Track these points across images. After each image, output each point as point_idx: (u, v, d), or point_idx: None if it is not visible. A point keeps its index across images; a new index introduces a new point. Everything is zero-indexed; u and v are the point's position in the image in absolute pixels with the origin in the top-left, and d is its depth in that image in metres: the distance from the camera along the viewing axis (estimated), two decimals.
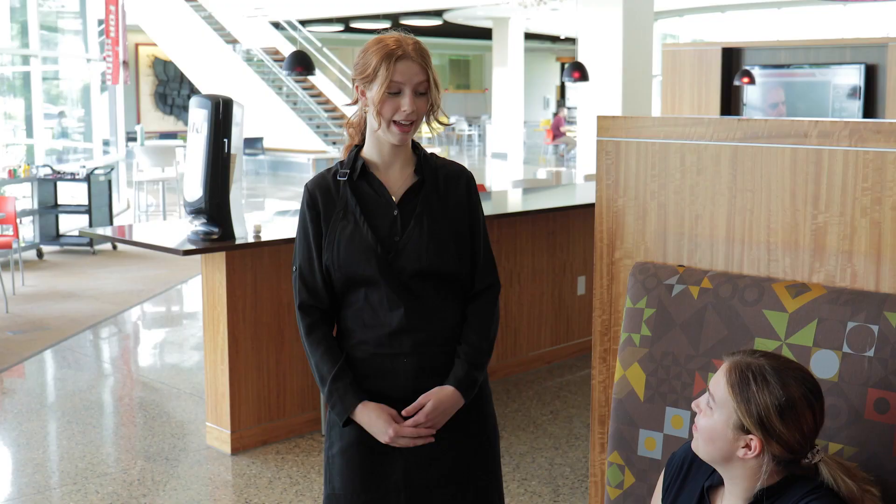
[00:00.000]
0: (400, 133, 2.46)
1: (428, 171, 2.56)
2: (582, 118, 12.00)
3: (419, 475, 2.53)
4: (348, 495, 2.55)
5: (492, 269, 2.62)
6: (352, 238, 2.49)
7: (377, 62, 2.42)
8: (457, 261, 2.52)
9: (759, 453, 1.92)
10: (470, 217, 2.57)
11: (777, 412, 1.89)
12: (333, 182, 2.56)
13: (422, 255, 2.47)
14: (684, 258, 2.66)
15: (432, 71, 2.47)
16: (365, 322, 2.52)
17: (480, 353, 2.54)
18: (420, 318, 2.49)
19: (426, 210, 2.51)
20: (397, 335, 2.49)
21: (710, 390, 1.99)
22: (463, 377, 2.50)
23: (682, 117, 2.68)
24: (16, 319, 7.95)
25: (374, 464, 2.53)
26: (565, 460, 4.93)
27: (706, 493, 2.10)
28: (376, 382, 2.51)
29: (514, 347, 6.49)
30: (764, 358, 1.96)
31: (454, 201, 2.55)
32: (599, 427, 2.86)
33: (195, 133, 4.83)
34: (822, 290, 2.31)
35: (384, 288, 2.48)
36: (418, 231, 2.48)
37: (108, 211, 11.22)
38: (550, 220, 6.61)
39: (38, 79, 13.11)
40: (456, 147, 30.01)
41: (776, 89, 14.07)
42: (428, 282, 2.50)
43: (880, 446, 2.11)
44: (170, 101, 28.91)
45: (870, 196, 2.32)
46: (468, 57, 39.33)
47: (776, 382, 1.91)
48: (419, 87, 2.44)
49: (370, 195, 2.53)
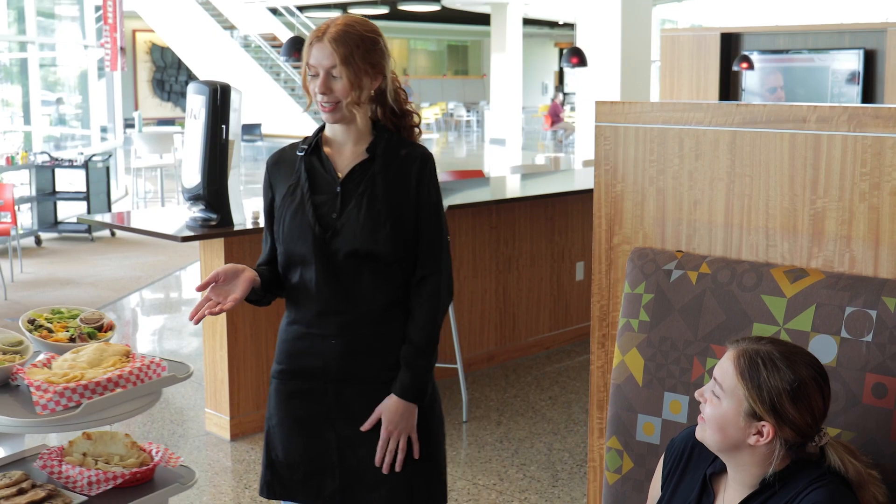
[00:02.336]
0: (324, 113, 2.50)
1: (380, 150, 2.54)
2: (580, 104, 11.99)
3: (351, 454, 2.56)
4: (290, 464, 2.60)
5: (436, 258, 2.57)
6: (294, 215, 2.54)
7: (304, 47, 2.50)
8: (392, 244, 2.50)
9: (771, 439, 1.91)
10: (417, 201, 2.54)
11: (789, 397, 1.89)
12: (291, 157, 2.62)
13: (357, 235, 2.48)
14: (683, 243, 2.66)
15: (355, 56, 2.46)
16: (298, 301, 2.57)
17: (421, 354, 2.53)
18: (348, 299, 2.52)
19: (368, 190, 2.51)
20: (325, 316, 2.53)
21: (716, 379, 1.98)
22: (408, 384, 2.52)
23: (681, 102, 2.68)
24: (14, 306, 7.95)
25: (311, 437, 2.57)
26: (564, 445, 4.94)
27: (709, 480, 2.10)
28: (306, 361, 2.56)
29: (513, 333, 6.50)
30: (770, 344, 1.96)
31: (401, 184, 2.53)
32: (598, 412, 2.87)
33: (193, 119, 4.82)
34: (821, 276, 2.31)
35: (316, 267, 2.51)
36: (356, 211, 2.50)
37: (106, 198, 11.21)
38: (549, 205, 6.61)
39: (35, 66, 13.09)
40: (454, 133, 30.00)
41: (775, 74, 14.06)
42: (363, 263, 2.50)
43: (878, 431, 2.12)
44: (167, 87, 28.88)
45: (868, 181, 2.32)
46: (466, 42, 39.27)
47: (786, 368, 1.91)
48: (332, 72, 2.46)
49: (319, 171, 2.57)
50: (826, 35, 13.63)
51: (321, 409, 2.56)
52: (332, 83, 2.46)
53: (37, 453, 2.33)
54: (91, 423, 2.07)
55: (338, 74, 2.45)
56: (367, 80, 2.49)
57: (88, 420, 2.05)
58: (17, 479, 2.11)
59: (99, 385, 2.05)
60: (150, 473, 2.19)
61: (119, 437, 2.26)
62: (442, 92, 35.33)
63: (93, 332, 2.38)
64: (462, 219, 6.00)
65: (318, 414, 2.56)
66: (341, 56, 2.44)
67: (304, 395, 2.57)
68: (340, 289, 2.51)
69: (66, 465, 2.15)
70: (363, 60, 2.46)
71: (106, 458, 2.20)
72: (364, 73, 2.47)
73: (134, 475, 2.14)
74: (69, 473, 2.13)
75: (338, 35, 2.45)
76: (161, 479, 2.22)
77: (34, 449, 2.37)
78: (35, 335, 2.34)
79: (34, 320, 2.41)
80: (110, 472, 2.12)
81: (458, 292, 5.97)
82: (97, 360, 2.16)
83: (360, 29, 2.48)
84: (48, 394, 1.99)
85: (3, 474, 2.14)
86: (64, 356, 2.18)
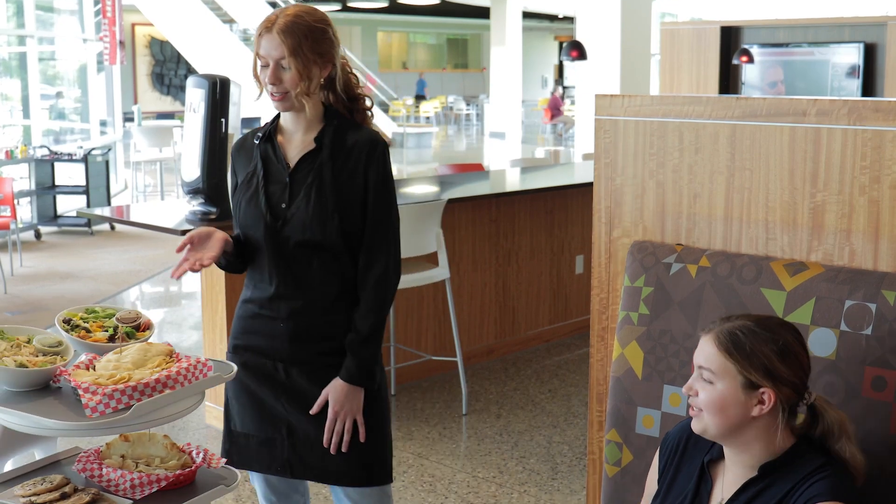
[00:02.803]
0: (275, 102, 2.55)
1: (328, 139, 2.57)
2: (580, 97, 11.98)
3: (300, 428, 2.64)
4: (245, 434, 2.71)
5: (382, 242, 2.60)
6: (249, 203, 2.61)
7: (255, 37, 2.54)
8: (341, 235, 2.55)
9: (774, 404, 1.95)
10: (365, 189, 2.57)
11: (779, 358, 1.96)
12: (250, 144, 2.68)
13: (306, 226, 2.54)
14: (682, 237, 2.66)
15: (304, 47, 2.48)
16: (254, 282, 2.66)
17: (366, 342, 2.58)
18: (298, 287, 2.58)
19: (317, 180, 2.55)
20: (276, 300, 2.61)
21: (701, 366, 2.01)
22: (354, 370, 2.58)
23: (681, 96, 2.68)
24: (14, 300, 7.95)
25: (262, 410, 2.66)
26: (563, 438, 4.94)
27: (706, 467, 2.11)
28: (258, 340, 2.64)
29: (513, 326, 6.50)
30: (740, 319, 2.03)
31: (350, 173, 2.56)
32: (597, 405, 2.87)
33: (192, 113, 4.82)
34: (820, 269, 2.31)
35: (268, 254, 2.59)
36: (305, 202, 2.54)
37: (105, 191, 11.21)
38: (549, 199, 6.60)
39: (34, 59, 13.08)
40: (454, 126, 29.97)
41: (775, 68, 14.04)
42: (313, 253, 2.56)
43: (877, 424, 2.12)
44: (167, 81, 28.83)
45: (868, 174, 2.32)
46: (466, 36, 39.22)
47: (766, 333, 1.98)
48: (282, 63, 2.49)
49: (272, 160, 2.62)
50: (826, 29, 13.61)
51: (271, 384, 2.65)
52: (281, 74, 2.51)
53: (69, 456, 2.26)
54: (140, 426, 2.01)
55: (287, 65, 2.50)
56: (317, 69, 2.53)
57: (139, 422, 1.99)
58: (58, 484, 2.06)
59: (148, 386, 2.00)
60: (193, 475, 2.14)
61: (158, 439, 2.21)
62: (442, 85, 35.30)
63: (131, 332, 2.35)
64: (462, 212, 6.00)
65: (269, 389, 2.64)
66: (290, 47, 2.48)
67: (256, 370, 2.66)
68: (291, 276, 2.58)
69: (107, 468, 2.07)
70: (312, 51, 2.51)
71: (146, 460, 2.15)
72: (313, 63, 2.52)
73: (178, 477, 2.09)
74: (110, 476, 2.06)
75: (286, 26, 2.48)
76: (202, 481, 2.16)
77: (67, 452, 2.30)
78: (73, 335, 2.29)
79: (69, 320, 2.36)
80: (153, 474, 2.06)
81: (457, 286, 5.97)
82: (141, 360, 2.11)
83: (309, 19, 2.52)
84: (97, 396, 1.94)
85: (43, 479, 2.07)
86: (107, 357, 2.12)
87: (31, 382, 2.09)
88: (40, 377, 2.09)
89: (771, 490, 1.96)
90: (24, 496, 2.03)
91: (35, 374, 2.08)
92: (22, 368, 2.06)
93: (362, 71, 29.40)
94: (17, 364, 2.07)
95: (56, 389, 2.12)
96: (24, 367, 2.07)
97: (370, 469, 2.66)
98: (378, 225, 2.59)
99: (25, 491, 2.05)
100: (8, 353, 2.12)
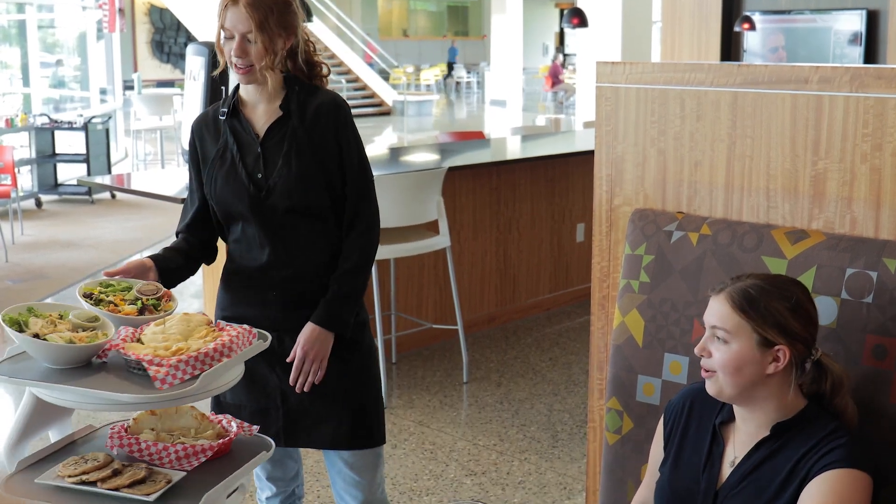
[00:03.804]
0: (239, 74, 2.56)
1: (294, 105, 2.60)
2: (581, 65, 11.93)
3: (293, 397, 2.66)
4: (236, 405, 2.71)
5: (362, 200, 2.64)
6: (227, 177, 2.61)
7: (219, 8, 2.53)
8: (327, 196, 2.59)
9: (788, 361, 1.97)
10: (339, 150, 2.61)
11: (792, 315, 1.97)
12: (214, 119, 2.68)
13: (292, 192, 2.56)
14: (683, 205, 2.66)
15: (270, 20, 2.50)
16: (241, 254, 2.67)
17: (343, 286, 2.61)
18: (287, 254, 2.61)
19: (293, 147, 2.57)
20: (266, 270, 2.63)
21: (715, 326, 2.01)
22: (323, 313, 2.60)
23: (682, 63, 2.66)
24: (15, 269, 7.96)
25: (254, 380, 2.65)
26: (564, 406, 4.96)
27: (718, 429, 2.12)
28: (249, 311, 2.65)
29: (513, 295, 6.50)
30: (750, 278, 2.04)
31: (321, 135, 2.59)
32: (598, 373, 2.87)
33: (192, 81, 4.81)
34: (822, 237, 2.31)
35: (256, 224, 2.60)
36: (287, 170, 2.56)
37: (106, 160, 11.20)
38: (549, 167, 6.59)
39: (33, 27, 13.03)
40: (455, 94, 29.87)
41: (776, 35, 13.97)
42: (301, 218, 2.59)
43: (878, 392, 2.12)
44: (167, 48, 28.72)
45: (870, 142, 2.31)
46: (466, 3, 39.02)
47: (776, 290, 1.99)
48: (248, 36, 2.50)
49: (241, 133, 2.63)
50: None
51: (265, 354, 2.61)
52: (247, 47, 2.52)
53: (84, 435, 2.22)
54: (204, 395, 2.00)
55: (253, 39, 2.51)
56: (281, 42, 2.56)
57: (205, 392, 1.99)
58: (104, 461, 2.02)
59: (207, 356, 2.00)
60: (229, 445, 2.14)
61: (185, 410, 2.18)
62: (442, 53, 35.16)
63: (157, 304, 2.33)
64: (462, 180, 5.99)
65: (263, 359, 2.61)
66: (257, 22, 2.49)
67: None
68: (280, 244, 2.61)
69: (145, 443, 2.05)
70: (277, 25, 2.53)
71: (181, 431, 2.14)
72: (278, 35, 2.54)
73: (220, 447, 2.08)
74: (152, 450, 2.03)
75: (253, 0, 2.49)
76: (238, 449, 2.14)
77: (81, 431, 2.25)
78: (102, 309, 2.25)
79: (90, 294, 2.32)
80: (198, 444, 2.04)
81: (458, 254, 5.97)
82: (187, 330, 2.09)
83: None
84: (164, 367, 1.93)
85: (82, 457, 2.03)
86: (152, 329, 2.10)
87: (80, 358, 2.03)
88: (89, 352, 2.03)
89: (785, 451, 1.97)
90: (72, 475, 1.98)
91: (85, 349, 2.02)
92: (71, 345, 2.00)
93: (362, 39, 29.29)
94: (66, 340, 2.03)
95: (99, 365, 2.05)
96: (73, 344, 2.04)
97: (363, 432, 2.69)
98: (361, 182, 2.64)
99: (71, 471, 1.99)
100: (47, 330, 2.08)
